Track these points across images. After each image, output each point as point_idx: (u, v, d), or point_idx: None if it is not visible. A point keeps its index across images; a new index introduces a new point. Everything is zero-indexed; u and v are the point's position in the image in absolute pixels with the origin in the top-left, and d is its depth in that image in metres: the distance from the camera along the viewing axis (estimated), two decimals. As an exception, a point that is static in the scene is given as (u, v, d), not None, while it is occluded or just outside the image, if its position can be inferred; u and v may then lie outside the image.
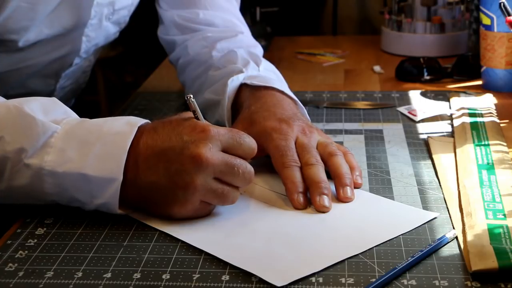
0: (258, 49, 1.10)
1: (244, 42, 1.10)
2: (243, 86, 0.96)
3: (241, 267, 0.66)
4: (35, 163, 0.73)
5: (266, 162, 0.85)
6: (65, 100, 1.20)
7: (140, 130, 0.75)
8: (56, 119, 0.76)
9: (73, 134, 0.75)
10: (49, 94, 1.13)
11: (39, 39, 0.99)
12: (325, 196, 0.77)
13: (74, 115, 0.80)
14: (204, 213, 0.76)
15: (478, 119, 1.01)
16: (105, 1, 1.03)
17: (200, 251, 0.70)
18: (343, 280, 0.64)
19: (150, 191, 0.74)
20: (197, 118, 0.76)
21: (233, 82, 0.96)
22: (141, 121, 0.77)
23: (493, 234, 0.69)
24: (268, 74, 1.01)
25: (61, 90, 1.15)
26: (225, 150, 0.74)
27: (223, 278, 0.65)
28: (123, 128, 0.75)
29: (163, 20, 1.16)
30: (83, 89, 1.25)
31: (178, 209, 0.74)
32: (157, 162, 0.73)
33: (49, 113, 0.76)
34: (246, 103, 0.92)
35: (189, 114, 0.77)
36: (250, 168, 0.75)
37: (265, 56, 1.10)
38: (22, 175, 0.74)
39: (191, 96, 0.76)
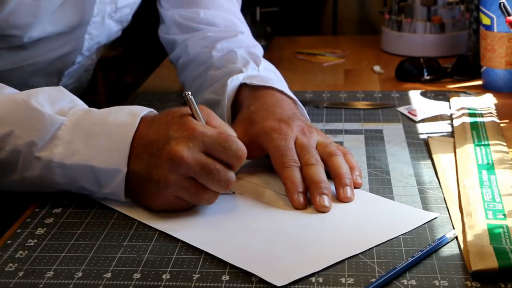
0: (258, 49, 1.10)
1: (244, 42, 1.10)
2: (242, 86, 0.96)
3: (241, 267, 0.66)
4: (45, 155, 0.76)
5: (266, 162, 0.85)
6: None
7: (142, 120, 0.77)
8: (62, 109, 0.79)
9: (79, 126, 0.77)
10: None
11: (43, 36, 0.99)
12: (325, 196, 0.77)
13: (80, 103, 0.82)
14: (181, 208, 0.77)
15: (478, 119, 1.01)
16: None
17: (200, 251, 0.70)
18: (343, 280, 0.64)
19: (132, 180, 0.76)
20: (193, 116, 0.77)
21: (233, 82, 0.96)
22: (144, 111, 0.79)
23: (493, 234, 0.69)
24: (268, 74, 1.01)
25: None
26: (208, 152, 0.74)
27: (223, 278, 0.65)
28: (126, 119, 0.77)
29: (164, 19, 1.16)
30: (85, 88, 1.25)
31: (152, 201, 0.76)
32: (142, 152, 0.75)
33: (56, 103, 0.79)
34: (246, 103, 0.92)
35: (189, 110, 0.77)
36: (228, 176, 0.74)
37: (265, 56, 1.10)
38: (33, 167, 0.77)
39: (189, 93, 0.77)
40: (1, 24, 0.93)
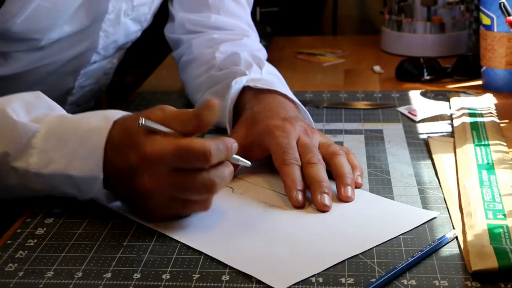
0: (262, 53, 1.10)
1: (249, 46, 1.10)
2: (246, 89, 0.95)
3: (241, 269, 0.66)
4: (21, 166, 0.75)
5: (266, 162, 0.85)
6: (85, 100, 1.20)
7: (114, 123, 0.75)
8: (38, 117, 0.77)
9: (53, 133, 0.76)
10: (68, 92, 1.14)
11: (61, 37, 0.99)
12: (326, 195, 0.77)
13: (58, 109, 0.81)
14: (188, 214, 0.76)
15: (478, 119, 1.01)
16: None
17: (200, 251, 0.70)
18: (343, 280, 0.64)
19: (121, 199, 0.76)
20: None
21: (237, 84, 0.95)
22: (118, 114, 0.76)
23: (493, 234, 0.69)
24: (271, 78, 1.01)
25: (80, 89, 1.15)
26: (176, 168, 0.70)
27: (223, 278, 0.65)
28: (99, 123, 0.75)
29: (174, 19, 1.16)
30: (103, 91, 1.25)
31: (153, 218, 0.75)
32: (118, 179, 0.73)
33: (32, 110, 0.78)
34: (249, 104, 0.92)
35: (152, 127, 0.71)
36: (206, 180, 0.70)
37: (265, 57, 1.10)
38: (11, 177, 0.77)
39: (143, 120, 0.71)
40: (21, 29, 0.93)
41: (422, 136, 1.00)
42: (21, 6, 0.91)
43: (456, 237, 0.71)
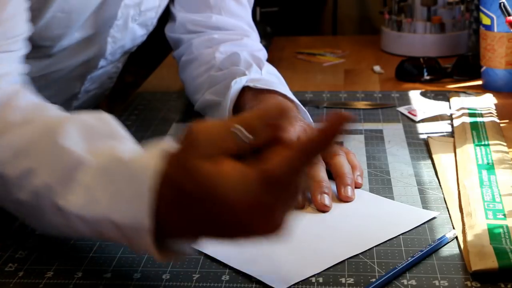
0: (262, 53, 1.10)
1: (249, 46, 1.10)
2: (245, 89, 0.96)
3: (242, 270, 0.66)
4: (63, 204, 0.63)
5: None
6: (88, 105, 1.20)
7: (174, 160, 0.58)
8: (94, 145, 0.64)
9: (105, 168, 0.62)
10: (73, 96, 1.13)
11: (70, 44, 0.99)
12: (325, 195, 0.77)
13: (119, 136, 0.66)
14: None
15: (478, 119, 1.01)
16: (132, 2, 1.03)
17: (200, 251, 0.70)
18: (343, 280, 0.64)
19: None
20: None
21: (236, 84, 0.95)
22: (169, 145, 0.60)
23: (493, 234, 0.69)
24: (271, 78, 1.02)
25: (85, 94, 1.15)
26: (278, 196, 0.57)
27: (223, 278, 0.65)
28: (149, 157, 0.60)
29: (175, 19, 1.16)
30: (106, 95, 1.25)
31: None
32: (207, 233, 0.60)
33: (90, 137, 0.65)
34: (249, 105, 0.92)
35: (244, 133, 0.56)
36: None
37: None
38: (54, 216, 0.64)
39: (237, 129, 0.56)
40: (34, 37, 0.93)
41: (422, 136, 1.00)
42: (35, 16, 0.90)
43: (456, 237, 0.71)
